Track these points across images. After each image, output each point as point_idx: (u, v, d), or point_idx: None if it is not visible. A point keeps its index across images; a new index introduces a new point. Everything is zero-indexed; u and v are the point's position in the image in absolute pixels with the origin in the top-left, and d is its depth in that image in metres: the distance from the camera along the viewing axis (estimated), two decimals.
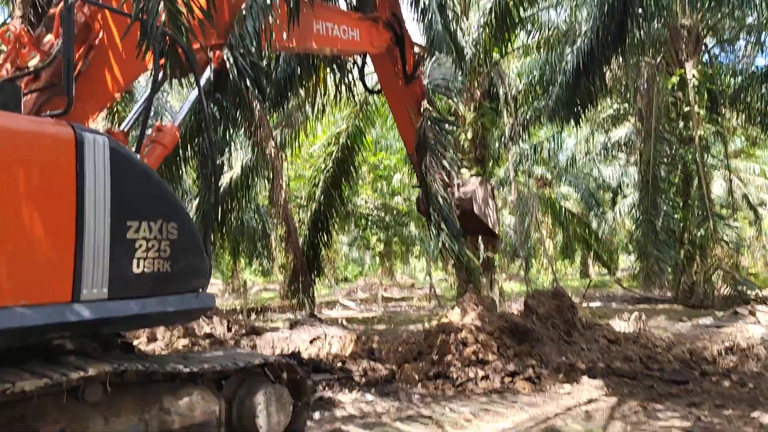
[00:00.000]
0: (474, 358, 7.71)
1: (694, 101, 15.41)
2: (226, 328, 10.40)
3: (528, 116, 17.76)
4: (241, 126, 10.87)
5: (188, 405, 3.80)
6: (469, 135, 14.73)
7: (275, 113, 13.17)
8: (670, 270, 16.71)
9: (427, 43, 9.43)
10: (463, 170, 14.14)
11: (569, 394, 6.82)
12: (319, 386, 7.02)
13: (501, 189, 21.71)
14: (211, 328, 10.28)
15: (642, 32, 14.28)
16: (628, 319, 11.78)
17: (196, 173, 9.93)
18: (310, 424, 5.33)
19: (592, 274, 32.27)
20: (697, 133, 14.90)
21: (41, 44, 4.45)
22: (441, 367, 7.56)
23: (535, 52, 16.47)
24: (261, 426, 4.12)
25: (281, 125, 15.01)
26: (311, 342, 9.16)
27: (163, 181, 4.17)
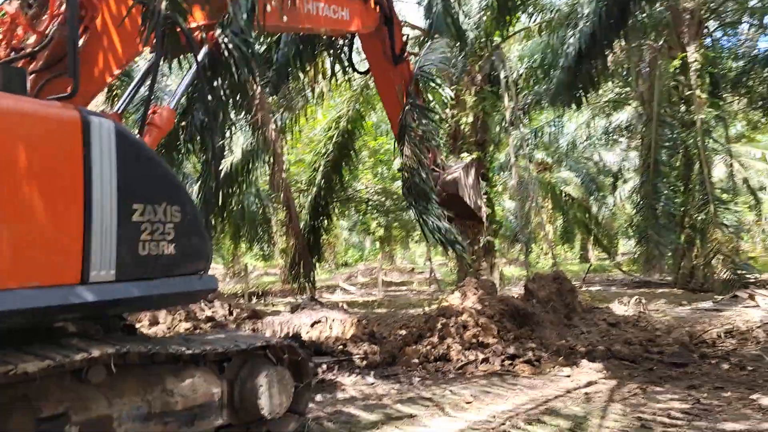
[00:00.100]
0: (474, 341, 7.76)
1: (695, 85, 15.33)
2: (228, 312, 10.47)
3: (529, 100, 17.71)
4: (241, 110, 10.80)
5: (190, 387, 3.84)
6: (470, 119, 14.68)
7: (275, 97, 13.10)
8: (670, 254, 16.73)
9: (427, 26, 9.35)
10: (464, 154, 14.15)
11: (569, 377, 6.85)
12: (320, 369, 7.06)
13: (501, 174, 21.68)
14: (213, 312, 10.35)
15: (644, 15, 14.17)
16: (628, 302, 11.87)
17: (197, 157, 9.89)
18: (311, 405, 5.36)
19: (592, 259, 32.36)
20: (699, 117, 14.84)
21: (37, 24, 4.40)
22: (441, 350, 7.60)
23: (537, 35, 16.34)
24: (263, 407, 4.16)
25: (281, 109, 14.94)
26: (312, 325, 9.19)
27: (166, 163, 4.18)
